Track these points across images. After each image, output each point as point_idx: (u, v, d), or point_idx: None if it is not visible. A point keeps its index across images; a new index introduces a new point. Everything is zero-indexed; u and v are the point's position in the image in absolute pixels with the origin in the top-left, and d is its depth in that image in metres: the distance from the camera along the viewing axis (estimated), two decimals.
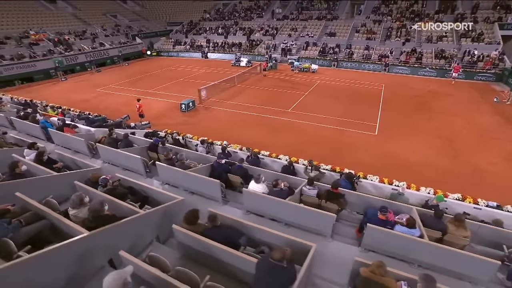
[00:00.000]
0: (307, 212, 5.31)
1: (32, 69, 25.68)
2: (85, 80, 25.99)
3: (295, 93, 18.72)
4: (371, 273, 3.20)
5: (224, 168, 7.36)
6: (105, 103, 18.59)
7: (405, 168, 9.98)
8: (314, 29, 31.49)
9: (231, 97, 18.61)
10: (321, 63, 27.10)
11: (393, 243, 4.82)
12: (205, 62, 31.65)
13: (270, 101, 17.34)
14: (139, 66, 31.98)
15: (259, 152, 10.00)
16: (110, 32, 35.96)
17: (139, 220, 4.21)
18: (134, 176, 6.92)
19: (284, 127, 13.80)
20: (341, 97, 17.94)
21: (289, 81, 22.18)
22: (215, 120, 15.14)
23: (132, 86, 22.33)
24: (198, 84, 19.79)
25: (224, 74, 22.85)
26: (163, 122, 15.08)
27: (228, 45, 33.06)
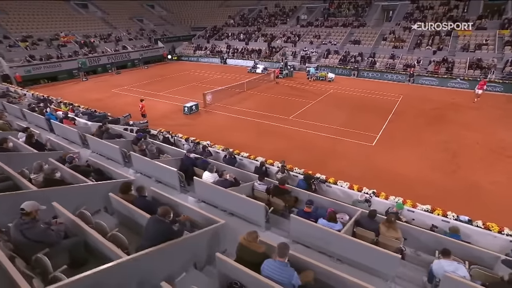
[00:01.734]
0: (243, 201, 6.20)
1: (57, 69, 29.17)
2: (104, 81, 28.86)
3: (302, 101, 19.57)
4: (245, 240, 4.03)
5: (191, 162, 8.46)
6: (115, 102, 20.73)
7: (394, 181, 10.40)
8: (338, 37, 32.32)
9: (237, 102, 19.87)
10: (340, 72, 27.72)
11: (313, 235, 5.54)
12: (222, 68, 33.57)
13: (274, 108, 18.33)
14: (157, 69, 34.68)
15: (239, 154, 11.00)
16: (134, 35, 39.46)
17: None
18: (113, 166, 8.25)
19: (278, 133, 14.69)
20: (349, 107, 18.48)
21: (301, 89, 23.08)
22: (213, 123, 16.42)
23: (145, 88, 24.52)
24: (209, 89, 21.29)
25: (237, 80, 24.27)
26: (163, 122, 16.64)
27: (248, 51, 34.81)
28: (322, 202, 7.18)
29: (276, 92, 22.15)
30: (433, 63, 25.32)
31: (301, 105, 18.73)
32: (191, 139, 12.54)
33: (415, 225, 6.75)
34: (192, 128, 15.78)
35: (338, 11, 36.39)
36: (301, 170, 9.62)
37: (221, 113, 17.96)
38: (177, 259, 4.15)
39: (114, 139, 10.54)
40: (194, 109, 18.29)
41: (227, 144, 12.99)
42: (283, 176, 8.89)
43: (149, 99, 21.09)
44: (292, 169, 9.70)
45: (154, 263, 3.81)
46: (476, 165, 11.73)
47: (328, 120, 16.09)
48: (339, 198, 8.95)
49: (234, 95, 21.39)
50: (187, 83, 26.19)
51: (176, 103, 19.44)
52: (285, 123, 15.87)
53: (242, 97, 21.26)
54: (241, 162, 10.92)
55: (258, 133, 14.79)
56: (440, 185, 10.34)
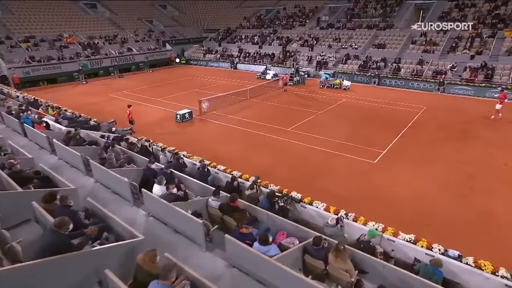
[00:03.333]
0: (182, 217, 6.32)
1: (57, 71, 31.07)
2: (104, 85, 30.33)
3: (307, 112, 19.56)
4: (142, 259, 4.11)
5: (152, 173, 8.72)
6: (109, 107, 21.69)
7: (388, 204, 10.12)
8: (360, 40, 32.23)
9: (236, 111, 20.19)
10: (359, 79, 27.48)
11: (247, 259, 5.53)
12: (231, 73, 34.26)
13: (274, 118, 18.45)
14: (162, 73, 35.98)
15: (215, 166, 11.16)
16: (141, 37, 41.30)
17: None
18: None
19: (271, 146, 14.75)
20: (358, 119, 18.25)
21: (309, 98, 23.09)
22: (204, 133, 16.77)
23: (144, 93, 25.52)
24: (211, 95, 21.84)
25: (244, 87, 24.71)
26: (152, 130, 17.22)
27: (260, 55, 35.37)
28: (284, 224, 7.14)
29: (281, 101, 22.28)
30: (469, 70, 24.54)
31: (304, 116, 18.72)
32: (170, 149, 12.89)
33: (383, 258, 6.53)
34: (180, 137, 16.19)
35: (364, 11, 36.35)
36: (277, 187, 9.60)
37: (215, 122, 18.30)
38: (72, 275, 4.30)
39: (83, 145, 11.03)
40: (187, 117, 18.76)
41: (213, 156, 13.29)
42: (251, 193, 8.93)
43: (144, 105, 21.96)
44: (267, 186, 9.71)
45: (40, 276, 3.97)
46: (496, 191, 11.14)
47: (331, 133, 15.96)
48: (314, 220, 8.85)
49: (235, 103, 21.74)
50: (189, 89, 26.95)
51: (172, 110, 20.02)
52: (281, 135, 15.91)
53: (243, 105, 21.57)
54: (216, 176, 11.06)
55: (249, 145, 14.93)
56: (444, 211, 9.93)
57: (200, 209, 7.43)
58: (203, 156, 13.15)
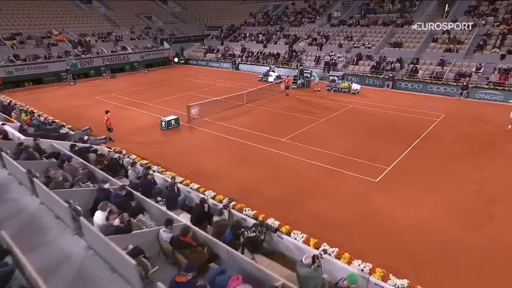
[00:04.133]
0: (114, 254, 5.63)
1: (43, 70, 31.13)
2: (93, 86, 30.22)
3: (307, 119, 18.77)
4: None
5: (105, 194, 8.08)
6: (92, 111, 21.35)
7: (386, 234, 9.20)
8: (374, 38, 31.35)
9: (229, 117, 19.56)
10: (371, 82, 26.55)
11: None
12: (232, 75, 33.72)
13: (270, 127, 17.75)
14: (158, 74, 35.75)
15: (188, 184, 10.49)
16: (138, 35, 41.27)
17: None
18: None
19: (262, 158, 14.03)
20: (365, 128, 17.35)
21: (313, 103, 22.27)
22: (189, 143, 16.16)
23: (134, 96, 25.21)
24: (205, 99, 21.30)
25: (243, 89, 24.14)
26: (132, 139, 16.73)
27: (264, 55, 34.78)
28: (244, 265, 6.36)
29: (281, 106, 21.54)
30: (498, 71, 23.34)
31: (304, 124, 17.93)
32: (142, 162, 12.31)
33: None
34: (162, 147, 15.66)
35: (380, 5, 35.49)
36: (252, 212, 8.85)
37: (204, 131, 17.69)
38: None
39: (39, 158, 10.52)
40: (173, 124, 18.21)
41: (194, 170, 12.80)
42: (220, 220, 8.21)
43: (131, 110, 21.57)
44: (242, 210, 8.98)
45: None
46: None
47: (331, 145, 15.13)
48: (291, 253, 8.08)
49: (230, 108, 21.13)
50: (184, 91, 26.51)
51: (160, 115, 19.56)
52: (275, 146, 15.17)
53: (238, 111, 20.93)
54: (189, 196, 10.41)
55: (237, 158, 14.26)
56: (452, 244, 8.96)
57: (150, 242, 6.76)
58: (183, 170, 12.78)
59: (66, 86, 30.56)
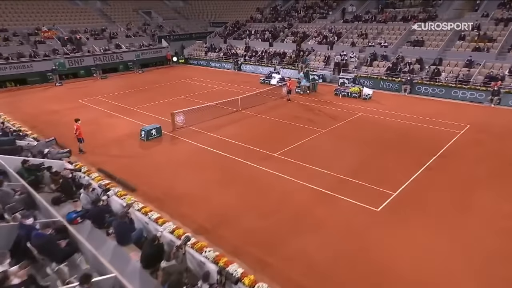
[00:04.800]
0: None
1: (27, 70, 30.71)
2: (80, 87, 29.66)
3: (307, 130, 17.50)
4: None
5: (26, 232, 6.99)
6: (69, 118, 20.32)
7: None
8: (392, 35, 29.88)
9: (220, 126, 18.48)
10: (386, 86, 25.11)
11: None
12: (234, 76, 32.68)
13: (263, 138, 16.60)
14: (153, 75, 35.05)
15: (146, 213, 9.38)
16: (134, 32, 40.64)
17: None
18: None
19: (246, 177, 12.86)
20: (373, 141, 15.93)
21: (316, 111, 20.93)
22: (168, 157, 15.11)
23: (121, 100, 24.52)
24: (199, 104, 20.52)
25: (243, 93, 23.24)
26: (106, 151, 15.81)
27: (269, 54, 33.68)
28: None
29: (280, 114, 20.31)
30: None
31: (302, 135, 16.66)
32: (100, 183, 11.28)
33: None
34: (136, 162, 14.69)
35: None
36: (213, 255, 7.64)
37: (188, 142, 16.63)
38: None
39: None
40: (154, 134, 17.21)
41: (165, 192, 11.99)
42: (170, 266, 7.01)
43: (115, 116, 20.81)
44: (202, 250, 7.79)
45: None
46: None
47: (330, 161, 13.82)
48: None
49: (222, 115, 20.05)
50: (177, 95, 25.62)
51: (145, 123, 18.74)
52: (265, 163, 13.94)
53: (231, 119, 19.83)
54: (146, 227, 9.28)
55: (218, 177, 13.10)
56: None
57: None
58: (153, 190, 12.20)
59: (52, 87, 30.05)
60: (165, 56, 39.55)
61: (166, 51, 39.64)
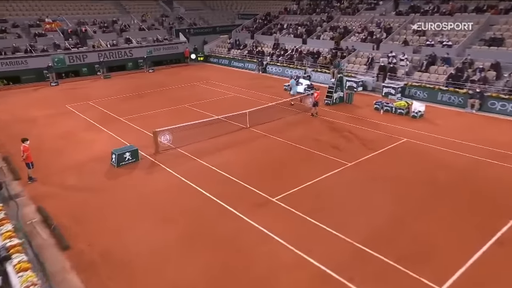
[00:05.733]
0: None
1: (22, 67, 29.74)
2: (76, 88, 28.41)
3: (327, 160, 14.24)
4: None
5: None
6: (43, 129, 19.14)
7: None
8: (459, 32, 25.83)
9: (215, 150, 15.72)
10: (446, 100, 21.26)
11: None
12: (255, 79, 29.83)
13: (266, 171, 13.63)
14: (164, 75, 33.26)
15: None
16: (149, 24, 38.88)
17: None
18: None
19: (224, 240, 9.83)
20: (418, 186, 12.30)
21: (344, 133, 17.46)
22: (134, 195, 12.45)
23: (113, 106, 22.72)
24: (202, 116, 18.44)
25: (261, 103, 20.81)
26: (62, 180, 13.71)
27: (300, 54, 30.59)
28: None
29: (297, 135, 17.11)
30: None
31: (319, 169, 13.41)
32: (5, 242, 8.73)
33: None
34: (91, 198, 12.40)
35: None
36: None
37: (168, 172, 13.95)
38: None
39: None
40: (128, 159, 14.70)
41: (108, 250, 9.78)
42: None
43: (97, 129, 18.99)
44: None
45: None
46: None
47: (348, 217, 10.52)
48: None
49: (223, 134, 17.30)
50: (181, 102, 23.39)
51: (126, 140, 16.65)
52: (257, 213, 10.92)
53: (234, 139, 16.97)
54: None
55: (188, 233, 10.23)
56: None
57: None
58: (92, 249, 9.47)
59: (45, 87, 28.93)
60: (183, 53, 37.59)
61: (183, 47, 37.67)
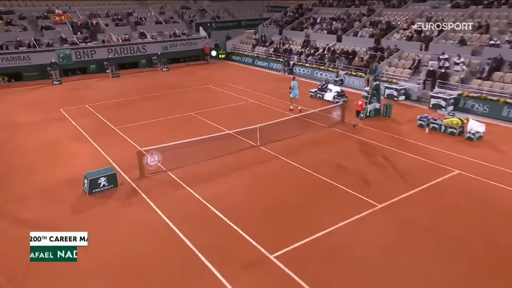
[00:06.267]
0: None
1: (24, 63, 28.71)
2: (78, 89, 26.97)
3: (351, 198, 11.51)
4: None
5: None
6: (27, 138, 17.50)
7: None
8: None
9: (213, 175, 13.35)
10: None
11: None
12: (280, 82, 27.14)
13: (270, 211, 11.08)
14: (178, 74, 31.46)
15: None
16: (168, 17, 37.19)
17: None
18: None
19: None
20: (473, 246, 9.30)
21: (378, 157, 14.53)
22: (92, 242, 10.08)
23: (111, 112, 21.07)
24: (211, 130, 16.44)
25: (279, 115, 18.56)
26: (18, 211, 11.64)
27: (332, 53, 27.91)
28: None
29: (317, 158, 14.44)
30: None
31: (338, 212, 10.68)
32: None
33: None
34: None
35: None
36: None
37: (148, 206, 11.64)
38: None
39: None
40: (103, 186, 12.52)
41: None
42: None
43: (83, 139, 17.20)
44: None
45: None
46: None
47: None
48: None
49: (226, 154, 14.88)
50: (189, 109, 21.29)
51: (111, 156, 14.80)
52: (245, 276, 8.42)
53: (238, 161, 14.51)
54: None
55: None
56: None
57: None
58: None
59: (46, 86, 27.66)
60: (202, 49, 35.75)
61: (203, 42, 35.79)
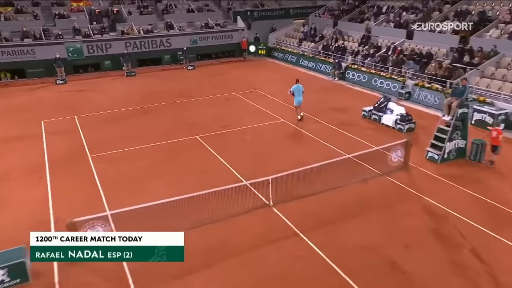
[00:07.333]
0: None
1: (28, 57, 25.66)
2: (81, 91, 23.93)
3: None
4: None
5: None
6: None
7: None
8: None
9: (184, 268, 8.40)
10: None
11: None
12: (327, 93, 21.77)
13: None
14: (203, 75, 27.32)
15: None
16: (202, 4, 33.26)
17: None
18: None
19: None
20: None
21: (464, 251, 8.85)
22: None
23: (99, 128, 17.60)
24: (211, 164, 12.88)
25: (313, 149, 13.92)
26: None
27: (398, 56, 22.10)
28: None
29: (355, 244, 9.06)
30: None
31: None
32: None
33: None
34: None
35: None
36: None
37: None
38: None
39: None
40: (5, 281, 8.21)
41: None
42: None
43: (39, 173, 13.44)
44: None
45: None
46: None
47: None
48: None
49: (218, 220, 10.04)
50: (193, 130, 16.71)
51: (56, 209, 10.85)
52: None
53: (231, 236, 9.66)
54: None
55: None
56: None
57: None
58: None
59: (48, 86, 24.56)
60: (239, 44, 31.20)
61: (240, 36, 31.21)
